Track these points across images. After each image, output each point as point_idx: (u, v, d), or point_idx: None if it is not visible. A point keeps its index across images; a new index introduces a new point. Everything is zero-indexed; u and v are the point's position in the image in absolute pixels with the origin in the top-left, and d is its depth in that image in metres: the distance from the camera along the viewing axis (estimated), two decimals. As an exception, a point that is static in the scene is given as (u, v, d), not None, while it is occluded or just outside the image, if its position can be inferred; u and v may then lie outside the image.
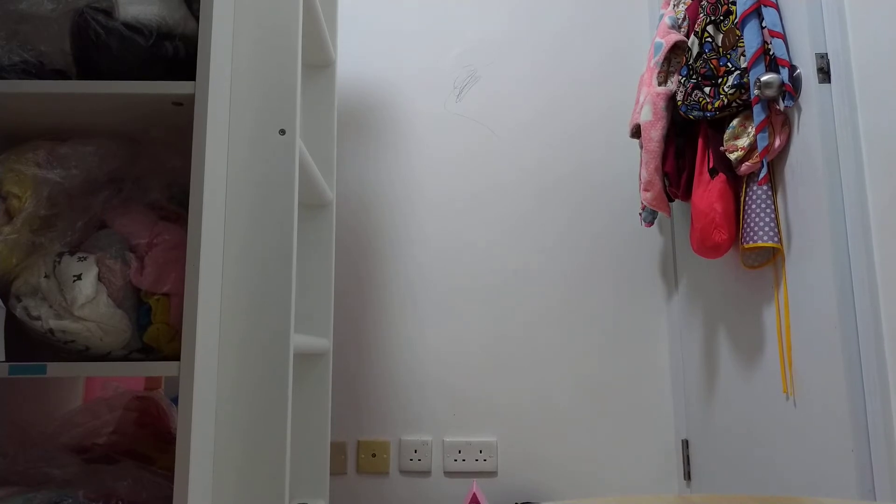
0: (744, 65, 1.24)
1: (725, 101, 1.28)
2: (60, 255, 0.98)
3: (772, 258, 1.27)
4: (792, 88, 1.17)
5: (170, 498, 0.87)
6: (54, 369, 0.93)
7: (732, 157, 1.28)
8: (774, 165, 1.26)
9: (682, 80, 1.40)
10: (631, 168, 1.82)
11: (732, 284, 1.43)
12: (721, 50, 1.31)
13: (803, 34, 1.17)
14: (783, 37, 1.21)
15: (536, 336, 1.76)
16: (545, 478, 1.70)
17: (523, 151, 1.85)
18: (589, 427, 1.72)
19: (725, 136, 1.30)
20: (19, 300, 0.97)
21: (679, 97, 1.41)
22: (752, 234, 1.24)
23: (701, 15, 1.38)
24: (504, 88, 1.88)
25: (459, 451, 1.71)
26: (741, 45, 1.25)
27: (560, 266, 1.79)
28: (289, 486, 1.04)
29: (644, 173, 1.54)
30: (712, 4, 1.35)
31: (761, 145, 1.21)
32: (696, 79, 1.35)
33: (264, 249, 1.03)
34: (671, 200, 1.58)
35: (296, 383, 1.38)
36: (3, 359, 0.96)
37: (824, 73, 1.12)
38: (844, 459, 1.04)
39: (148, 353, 1.01)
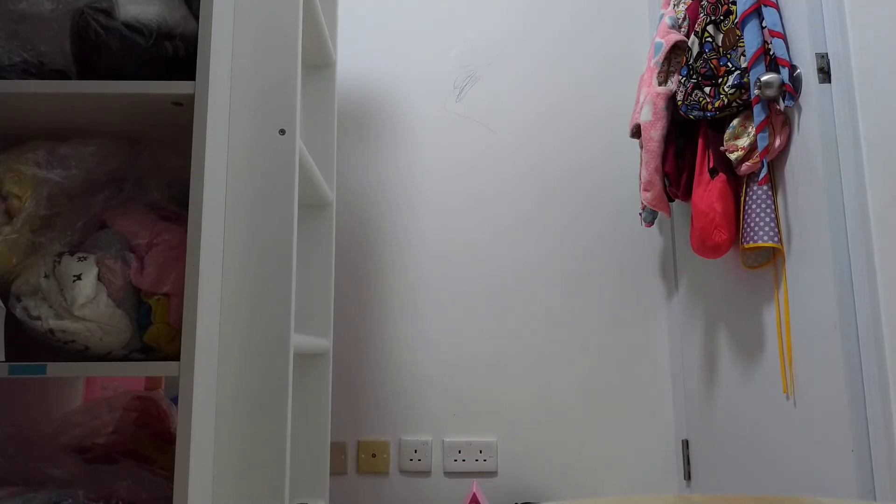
0: (744, 65, 1.24)
1: (725, 100, 1.28)
2: (60, 255, 0.98)
3: (772, 258, 1.27)
4: (792, 88, 1.17)
5: (170, 498, 0.87)
6: (54, 369, 0.93)
7: (732, 157, 1.28)
8: (774, 165, 1.26)
9: (683, 80, 1.40)
10: (631, 168, 1.82)
11: (732, 284, 1.43)
12: (721, 50, 1.31)
13: (804, 34, 1.17)
14: (783, 37, 1.21)
15: (536, 336, 1.76)
16: (545, 478, 1.70)
17: (523, 151, 1.85)
18: (589, 427, 1.72)
19: (725, 136, 1.30)
20: (19, 300, 0.97)
21: (679, 97, 1.41)
22: (752, 234, 1.24)
23: (701, 15, 1.38)
24: (504, 88, 1.87)
25: (459, 451, 1.71)
26: (741, 44, 1.25)
27: (560, 266, 1.79)
28: (289, 486, 1.04)
29: (644, 173, 1.54)
30: (712, 4, 1.34)
31: (761, 145, 1.21)
32: (697, 79, 1.35)
33: (264, 249, 1.03)
34: (671, 200, 1.58)
35: (296, 383, 1.38)
36: (3, 359, 0.95)
37: (824, 73, 1.12)
38: (844, 459, 1.04)
39: (148, 352, 1.01)
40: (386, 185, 1.84)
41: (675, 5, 1.55)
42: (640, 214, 1.68)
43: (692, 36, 1.39)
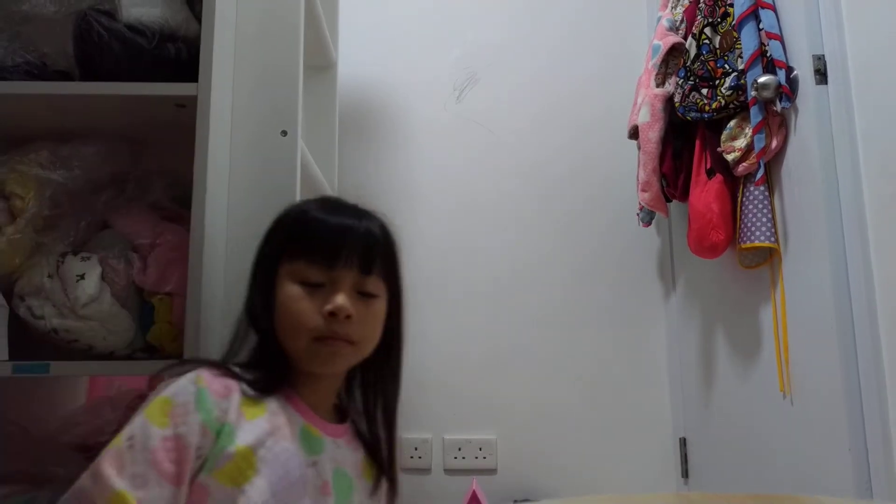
0: (741, 66, 1.24)
1: (723, 102, 1.29)
2: (64, 255, 0.99)
3: (769, 258, 1.28)
4: (789, 90, 1.18)
5: (173, 496, 0.88)
6: (58, 368, 0.93)
7: (729, 157, 1.29)
8: (771, 166, 1.27)
9: (680, 82, 1.40)
10: (629, 169, 1.82)
11: (729, 284, 1.44)
12: (718, 52, 1.32)
13: (800, 36, 1.17)
14: (780, 38, 1.21)
15: (535, 335, 1.76)
16: (544, 475, 1.70)
17: (522, 152, 1.85)
18: (588, 425, 1.72)
19: (723, 138, 1.31)
20: (23, 300, 0.98)
21: (677, 99, 1.41)
22: (748, 234, 1.25)
23: (698, 17, 1.39)
24: (504, 90, 1.88)
25: (459, 449, 1.72)
26: (738, 46, 1.26)
27: (559, 265, 1.80)
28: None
29: (642, 174, 1.55)
30: (710, 6, 1.35)
31: (758, 146, 1.21)
32: (694, 80, 1.36)
33: (266, 250, 1.03)
34: (669, 201, 1.59)
35: (296, 382, 1.38)
36: (7, 358, 0.96)
37: (821, 75, 1.12)
38: (841, 457, 1.05)
39: (151, 352, 1.01)
40: (386, 185, 1.84)
41: (672, 7, 1.56)
42: (638, 215, 1.69)
43: (690, 38, 1.40)
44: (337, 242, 0.81)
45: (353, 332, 0.80)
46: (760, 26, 1.23)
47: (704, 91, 1.33)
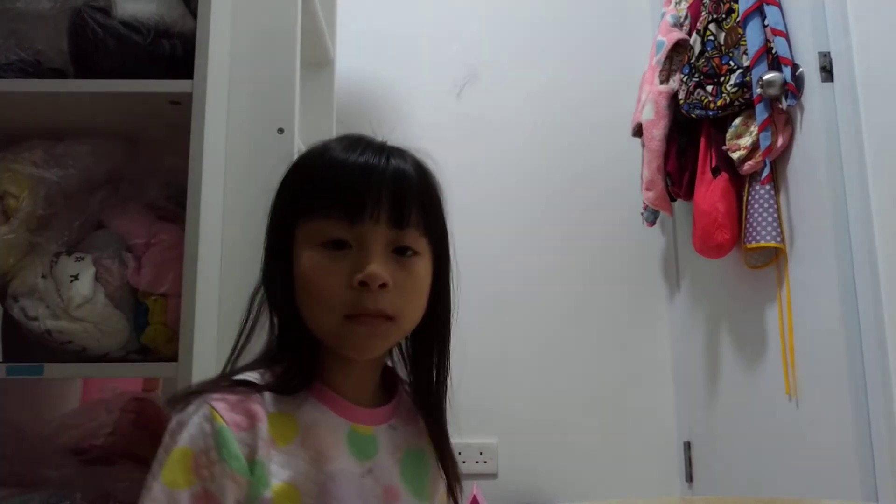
0: (746, 63, 1.23)
1: (728, 99, 1.27)
2: (57, 255, 0.98)
3: (774, 258, 1.26)
4: (794, 87, 1.17)
5: (167, 500, 0.86)
6: (52, 370, 0.92)
7: (735, 156, 1.27)
8: (777, 165, 1.25)
9: (685, 79, 1.39)
10: (633, 168, 1.81)
11: (735, 284, 1.42)
12: (723, 48, 1.30)
13: (806, 33, 1.16)
14: (786, 35, 1.20)
15: (537, 336, 1.75)
16: (546, 480, 1.68)
17: (524, 151, 1.84)
18: (590, 429, 1.71)
19: (728, 136, 1.29)
20: (16, 300, 0.97)
21: (681, 96, 1.40)
22: (754, 233, 1.23)
23: (703, 13, 1.38)
24: (503, 87, 1.86)
25: (459, 453, 1.67)
26: (743, 43, 1.24)
27: (561, 266, 1.78)
28: (288, 487, 1.04)
29: (646, 172, 1.53)
30: (714, 2, 1.34)
31: (764, 144, 1.20)
32: (699, 77, 1.34)
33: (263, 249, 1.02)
34: (673, 200, 1.57)
35: (295, 384, 1.37)
36: (1, 359, 0.95)
37: (827, 72, 1.11)
38: (847, 461, 1.04)
39: (145, 354, 1.00)
40: (386, 184, 1.83)
41: (676, 3, 1.55)
42: (642, 214, 1.67)
43: (694, 34, 1.39)
44: (358, 188, 0.65)
45: (390, 305, 0.64)
46: (765, 23, 1.22)
47: (709, 88, 1.31)
